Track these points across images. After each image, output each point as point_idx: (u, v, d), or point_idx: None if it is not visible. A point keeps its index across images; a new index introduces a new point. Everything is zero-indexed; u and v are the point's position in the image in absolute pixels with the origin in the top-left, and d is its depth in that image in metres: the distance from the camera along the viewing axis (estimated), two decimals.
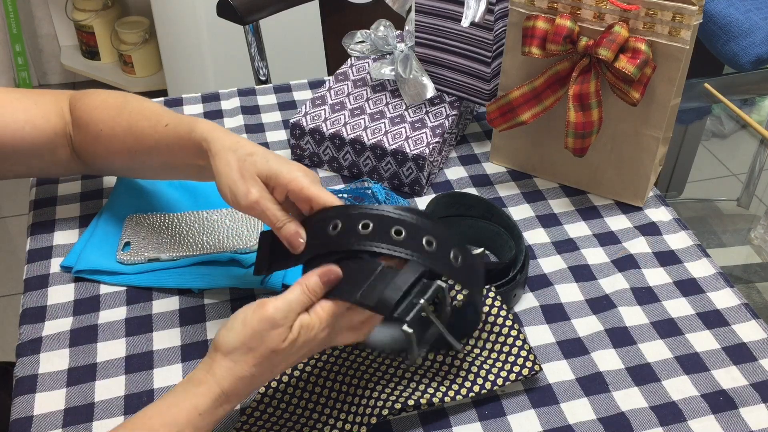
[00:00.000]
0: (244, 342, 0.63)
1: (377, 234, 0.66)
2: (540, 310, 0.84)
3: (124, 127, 0.82)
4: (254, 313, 0.63)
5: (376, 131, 1.00)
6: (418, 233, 0.66)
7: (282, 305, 0.63)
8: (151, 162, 0.83)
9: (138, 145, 0.81)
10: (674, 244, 0.93)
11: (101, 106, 0.84)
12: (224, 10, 1.32)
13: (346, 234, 0.67)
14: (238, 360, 0.63)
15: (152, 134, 0.80)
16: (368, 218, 0.67)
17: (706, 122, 1.46)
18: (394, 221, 0.66)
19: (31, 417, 0.73)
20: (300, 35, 2.01)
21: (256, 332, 0.62)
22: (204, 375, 0.63)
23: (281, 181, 0.71)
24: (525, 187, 1.01)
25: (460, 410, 0.74)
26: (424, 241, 0.66)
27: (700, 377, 0.77)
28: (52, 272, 0.88)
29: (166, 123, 0.79)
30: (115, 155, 0.84)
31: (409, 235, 0.66)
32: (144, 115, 0.81)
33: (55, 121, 0.85)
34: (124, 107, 0.83)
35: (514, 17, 0.93)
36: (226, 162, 0.72)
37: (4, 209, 2.31)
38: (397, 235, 0.66)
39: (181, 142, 0.78)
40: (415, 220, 0.67)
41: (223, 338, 0.64)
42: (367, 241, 0.66)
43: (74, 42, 2.72)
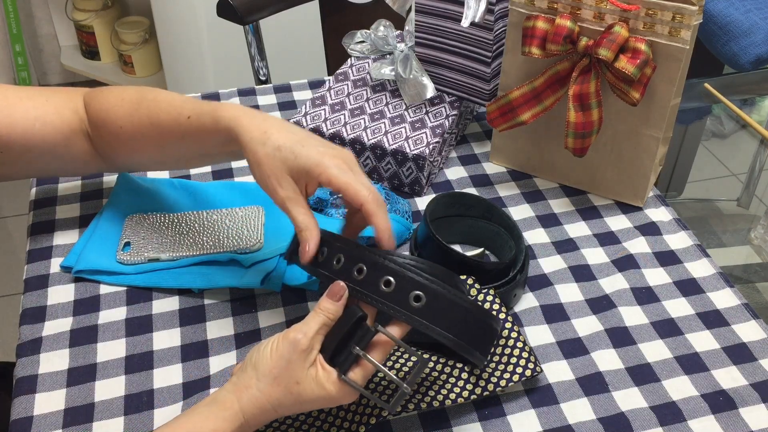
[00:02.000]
0: (270, 369, 0.63)
1: (368, 282, 0.65)
2: (540, 310, 0.84)
3: (145, 123, 0.80)
4: (280, 338, 0.64)
5: (376, 131, 1.00)
6: (379, 274, 0.65)
7: (301, 326, 0.64)
8: (182, 152, 0.82)
9: (163, 140, 0.80)
10: (674, 244, 0.93)
11: (117, 104, 0.82)
12: (224, 10, 1.32)
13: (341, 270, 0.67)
14: (263, 390, 0.63)
15: (176, 127, 0.78)
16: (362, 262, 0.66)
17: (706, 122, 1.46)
18: (386, 271, 0.65)
19: (31, 417, 0.73)
20: (300, 35, 2.01)
21: (283, 356, 0.63)
22: (231, 399, 0.63)
23: (311, 177, 0.70)
24: (525, 187, 1.01)
25: (460, 410, 0.74)
26: (382, 281, 0.64)
27: (700, 377, 0.77)
28: (52, 272, 0.88)
29: (188, 115, 0.77)
30: (142, 150, 0.83)
31: (370, 276, 0.65)
32: (162, 109, 0.79)
33: (69, 117, 0.83)
34: (141, 102, 0.81)
35: (514, 17, 0.93)
36: (255, 157, 0.71)
37: (4, 209, 2.31)
38: (386, 285, 0.65)
39: (208, 132, 0.76)
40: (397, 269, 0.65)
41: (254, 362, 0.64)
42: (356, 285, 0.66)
43: (74, 42, 2.72)
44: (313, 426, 0.72)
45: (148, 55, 2.59)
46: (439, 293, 0.64)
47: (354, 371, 0.64)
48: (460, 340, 0.65)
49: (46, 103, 0.83)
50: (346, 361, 0.64)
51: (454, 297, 0.65)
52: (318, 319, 0.64)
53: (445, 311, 0.64)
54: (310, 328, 0.64)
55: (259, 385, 0.63)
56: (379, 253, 0.66)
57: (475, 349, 0.66)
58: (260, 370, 0.64)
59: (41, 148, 0.83)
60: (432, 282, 0.64)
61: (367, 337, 0.64)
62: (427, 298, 0.64)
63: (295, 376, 0.63)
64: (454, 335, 0.65)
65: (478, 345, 0.67)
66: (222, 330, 0.82)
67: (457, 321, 0.65)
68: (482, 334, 0.67)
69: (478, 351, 0.67)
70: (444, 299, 0.64)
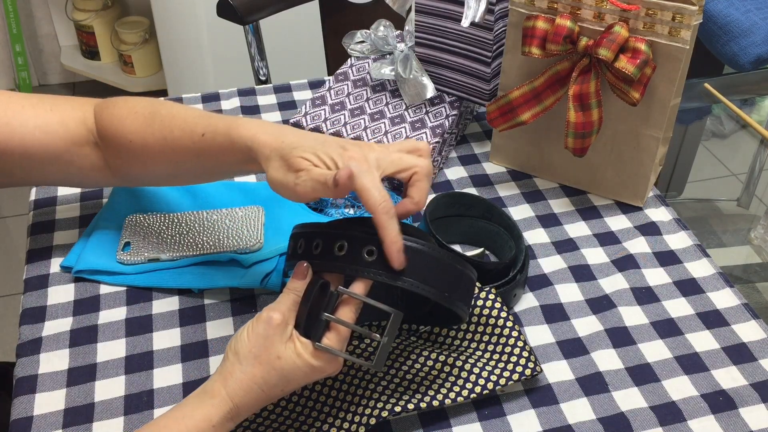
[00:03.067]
0: (250, 349, 0.64)
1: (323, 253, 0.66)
2: (540, 310, 0.84)
3: (158, 138, 0.77)
4: (253, 321, 0.65)
5: (376, 131, 0.99)
6: (332, 242, 0.66)
7: (273, 305, 0.66)
8: (196, 169, 0.79)
9: (177, 156, 0.77)
10: (674, 244, 0.93)
11: (129, 117, 0.79)
12: (224, 10, 1.32)
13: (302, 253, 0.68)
14: (247, 371, 0.64)
15: (190, 145, 0.76)
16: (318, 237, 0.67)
17: (706, 122, 1.46)
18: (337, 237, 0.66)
19: (31, 417, 0.73)
20: (300, 35, 2.01)
21: (260, 334, 0.64)
22: (218, 386, 0.64)
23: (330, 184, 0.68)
24: (525, 187, 1.01)
25: (460, 410, 0.74)
26: (336, 247, 0.65)
27: (700, 377, 0.77)
28: (52, 272, 0.88)
29: (203, 132, 0.74)
30: (153, 165, 0.80)
31: (324, 247, 0.66)
32: (176, 125, 0.77)
33: (74, 128, 0.81)
34: (154, 116, 0.78)
35: (514, 17, 0.93)
36: (277, 166, 0.69)
37: (4, 209, 2.31)
38: (339, 250, 0.65)
39: (225, 151, 0.74)
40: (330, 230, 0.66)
41: (234, 348, 0.66)
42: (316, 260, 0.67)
43: (74, 42, 2.72)
44: (313, 426, 0.72)
45: (148, 55, 2.59)
46: None
47: (328, 337, 0.65)
48: (427, 285, 0.64)
49: (49, 111, 0.81)
50: (319, 329, 0.65)
51: (412, 243, 0.64)
52: (288, 297, 0.66)
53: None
54: (282, 305, 0.65)
55: (242, 367, 0.64)
56: (339, 225, 0.67)
57: (447, 293, 0.65)
58: (240, 353, 0.65)
59: (42, 156, 0.80)
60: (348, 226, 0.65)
61: (332, 301, 0.65)
62: (378, 250, 0.64)
63: (275, 351, 0.64)
64: (418, 280, 0.64)
65: (450, 290, 0.65)
66: (222, 330, 0.82)
67: (419, 267, 0.64)
68: (453, 280, 0.65)
69: (450, 295, 0.65)
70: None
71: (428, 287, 0.64)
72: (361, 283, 0.65)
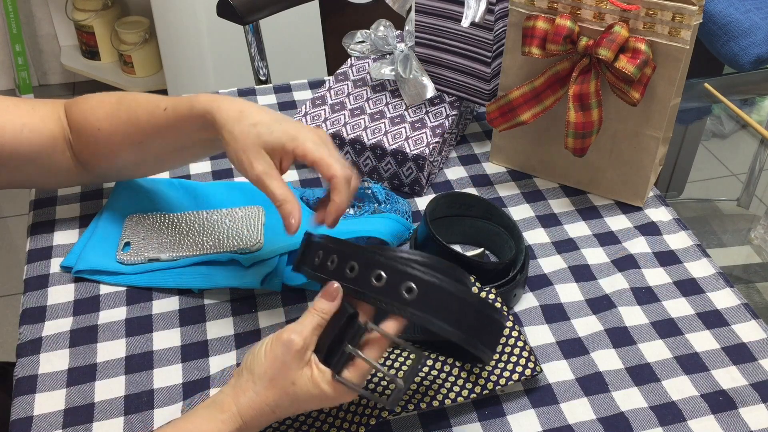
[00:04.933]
0: (266, 370, 0.63)
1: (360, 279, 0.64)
2: (540, 310, 0.84)
3: (123, 120, 0.81)
4: (273, 340, 0.64)
5: (376, 131, 1.00)
6: (371, 268, 0.63)
7: (295, 326, 0.64)
8: (158, 148, 0.82)
9: (140, 135, 0.81)
10: (674, 244, 0.93)
11: (97, 106, 0.83)
12: (224, 10, 1.32)
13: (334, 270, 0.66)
14: (260, 392, 0.63)
15: (152, 120, 0.79)
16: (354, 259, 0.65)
17: (706, 122, 1.46)
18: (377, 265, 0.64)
19: (31, 417, 0.73)
20: (300, 35, 2.01)
21: (277, 357, 0.63)
22: (230, 402, 0.63)
23: (287, 151, 0.71)
24: (525, 187, 1.01)
25: (460, 410, 0.74)
26: (373, 276, 0.63)
27: (700, 377, 0.77)
28: (52, 272, 0.88)
29: (164, 107, 0.78)
30: (119, 152, 0.83)
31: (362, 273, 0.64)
32: (140, 105, 0.81)
33: (52, 126, 0.84)
34: (120, 103, 0.82)
35: (514, 17, 0.93)
36: (230, 135, 0.72)
37: (4, 209, 2.31)
38: (377, 280, 0.63)
39: (184, 120, 0.77)
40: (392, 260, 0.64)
41: (249, 364, 0.64)
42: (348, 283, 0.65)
43: (74, 42, 2.72)
44: (313, 427, 0.72)
45: (148, 55, 2.59)
46: (431, 284, 0.62)
47: (349, 370, 0.63)
48: (459, 331, 0.63)
49: (32, 111, 0.83)
50: (340, 361, 0.63)
51: (450, 287, 0.63)
52: (312, 319, 0.64)
53: (441, 302, 0.62)
54: (305, 328, 0.63)
55: (256, 387, 0.63)
56: (373, 250, 0.65)
57: (478, 341, 0.64)
58: (256, 372, 0.63)
59: (27, 155, 0.83)
60: (425, 273, 0.62)
61: (359, 335, 0.63)
62: (419, 289, 0.62)
63: (291, 377, 0.63)
64: (452, 326, 0.63)
65: (480, 337, 0.64)
66: (222, 330, 0.82)
67: (454, 312, 0.63)
68: (485, 326, 0.65)
69: (481, 343, 0.64)
70: (438, 289, 0.62)
71: (460, 333, 0.63)
72: (396, 322, 0.64)
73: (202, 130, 0.77)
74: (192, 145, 0.81)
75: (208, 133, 0.76)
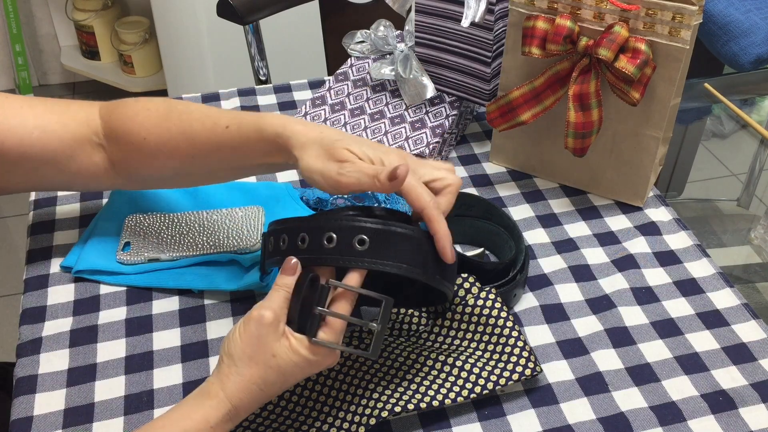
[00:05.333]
0: (243, 350, 0.64)
1: (312, 245, 0.66)
2: (540, 310, 0.84)
3: (175, 132, 0.76)
4: (244, 321, 0.65)
5: (376, 131, 1.00)
6: (320, 234, 0.65)
7: (263, 303, 0.65)
8: (213, 165, 0.78)
9: (195, 150, 0.76)
10: (674, 244, 0.93)
11: (142, 114, 0.78)
12: (224, 10, 1.32)
13: (287, 248, 0.67)
14: (243, 373, 0.63)
15: (211, 137, 0.75)
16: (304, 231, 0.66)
17: (706, 122, 1.46)
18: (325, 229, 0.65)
19: (31, 417, 0.73)
20: (300, 35, 2.01)
21: (252, 334, 0.64)
22: (216, 388, 0.64)
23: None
24: (525, 187, 1.01)
25: (459, 410, 0.74)
26: (324, 239, 0.65)
27: (700, 377, 0.77)
28: (52, 272, 0.88)
29: (226, 124, 0.74)
30: (167, 163, 0.79)
31: (312, 239, 0.65)
32: (196, 118, 0.76)
33: (75, 128, 0.79)
34: (171, 112, 0.77)
35: (514, 17, 0.93)
36: (315, 155, 0.68)
37: (4, 209, 2.31)
38: (328, 242, 0.65)
39: (250, 142, 0.73)
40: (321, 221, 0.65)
41: (227, 350, 0.65)
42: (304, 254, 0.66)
43: (74, 42, 2.72)
44: (313, 427, 0.72)
45: (148, 55, 2.59)
46: (379, 230, 0.63)
47: (323, 331, 0.64)
48: (418, 268, 0.64)
49: (48, 113, 0.79)
50: (313, 324, 0.64)
51: (397, 228, 0.64)
52: (278, 293, 0.65)
53: (392, 245, 0.64)
54: (273, 302, 0.64)
55: (238, 369, 0.64)
56: (317, 217, 0.66)
57: (436, 274, 0.65)
58: (235, 355, 0.64)
59: (41, 158, 0.79)
60: (374, 223, 0.64)
61: (324, 295, 0.65)
62: (370, 239, 0.63)
63: (270, 350, 0.63)
64: (410, 264, 0.64)
65: (438, 270, 0.66)
66: (222, 330, 0.82)
67: (408, 251, 0.64)
68: (438, 258, 0.66)
69: (440, 276, 0.65)
70: (387, 234, 0.64)
71: (420, 270, 0.65)
72: (356, 274, 0.65)
73: (268, 155, 0.73)
74: (253, 168, 0.78)
75: (277, 158, 0.73)
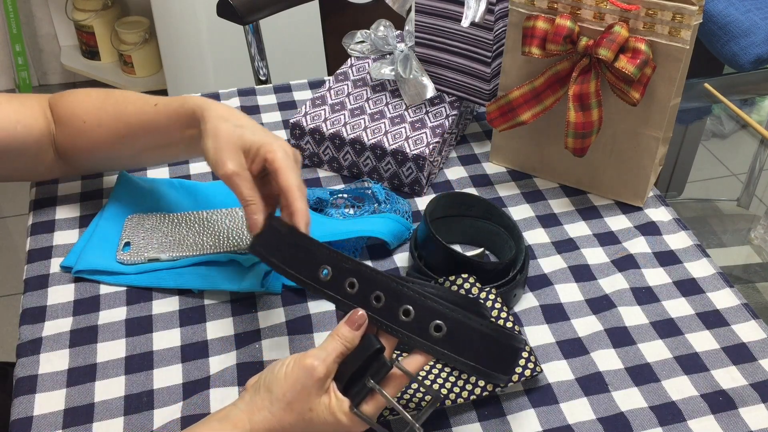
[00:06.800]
0: (285, 393, 0.63)
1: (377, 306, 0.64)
2: (540, 310, 0.84)
3: (111, 114, 0.84)
4: (295, 363, 0.63)
5: (376, 131, 1.00)
6: (398, 302, 0.63)
7: (319, 352, 0.63)
8: (141, 144, 0.85)
9: (126, 129, 0.83)
10: (674, 244, 0.93)
11: (85, 100, 0.86)
12: (224, 10, 1.32)
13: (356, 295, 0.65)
14: (276, 413, 0.63)
15: (140, 115, 0.82)
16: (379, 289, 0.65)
17: (706, 122, 1.46)
18: (405, 299, 0.63)
19: (31, 417, 0.73)
20: (300, 35, 2.01)
21: (298, 381, 0.62)
22: (243, 418, 0.63)
23: (260, 153, 0.74)
24: (525, 187, 1.01)
25: (459, 410, 0.74)
26: (401, 310, 0.63)
27: (700, 377, 0.77)
28: (52, 272, 0.88)
29: (155, 103, 0.82)
30: (101, 145, 0.86)
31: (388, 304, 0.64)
32: (130, 101, 0.84)
33: (41, 122, 0.87)
34: (108, 97, 0.85)
35: (514, 17, 0.93)
36: (215, 129, 0.75)
37: (4, 209, 2.31)
38: (405, 315, 0.63)
39: (172, 116, 0.80)
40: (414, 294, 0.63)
41: (268, 383, 0.64)
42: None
43: (74, 42, 2.72)
44: None
45: (148, 55, 2.59)
46: (460, 322, 0.62)
47: (367, 404, 0.63)
48: (484, 368, 0.63)
49: (22, 107, 0.86)
50: (360, 393, 0.63)
51: (475, 324, 0.63)
52: (335, 346, 0.63)
53: (468, 340, 0.63)
54: (328, 355, 0.63)
55: (272, 408, 0.63)
56: (396, 280, 0.64)
57: (499, 372, 0.64)
58: (274, 393, 0.63)
59: (18, 150, 0.86)
60: (453, 311, 0.62)
61: (383, 371, 0.63)
62: (447, 328, 0.62)
63: (309, 404, 0.62)
64: (478, 364, 0.63)
65: (502, 368, 0.65)
66: (222, 330, 0.82)
67: (481, 349, 0.63)
68: (507, 356, 0.65)
69: (502, 372, 0.65)
70: (464, 327, 0.62)
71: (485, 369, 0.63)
72: (421, 358, 0.64)
73: (186, 127, 0.80)
74: (176, 143, 0.84)
75: (192, 129, 0.79)
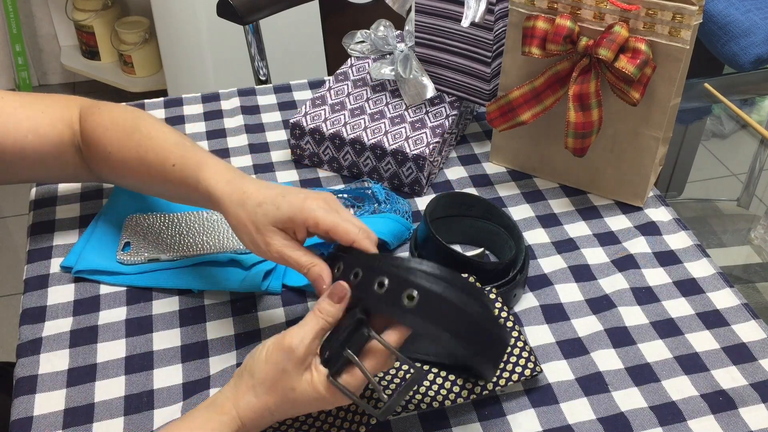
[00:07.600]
0: (266, 376, 0.63)
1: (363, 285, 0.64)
2: (540, 310, 0.84)
3: (134, 156, 0.80)
4: (275, 345, 0.64)
5: (376, 131, 1.00)
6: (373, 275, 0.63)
7: (298, 331, 0.64)
8: (166, 194, 0.83)
9: (149, 177, 0.80)
10: (674, 244, 0.93)
11: (111, 128, 0.82)
12: (224, 10, 1.32)
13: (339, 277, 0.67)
14: (260, 396, 0.64)
15: (160, 171, 0.78)
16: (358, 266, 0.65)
17: (706, 122, 1.46)
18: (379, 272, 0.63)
19: (31, 418, 0.73)
20: (300, 35, 2.01)
21: (278, 364, 0.63)
22: (229, 404, 0.64)
23: (297, 223, 0.69)
24: (525, 187, 1.01)
25: (459, 410, 0.74)
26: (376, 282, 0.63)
27: (700, 377, 0.77)
28: (52, 272, 0.88)
29: (173, 163, 0.77)
30: (127, 177, 0.83)
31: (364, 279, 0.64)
32: (152, 148, 0.79)
33: (61, 129, 0.84)
34: (134, 133, 0.81)
35: (514, 17, 0.93)
36: (237, 220, 0.71)
37: (4, 209, 2.31)
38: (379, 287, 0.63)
39: (190, 188, 0.76)
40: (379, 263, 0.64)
41: (250, 368, 0.64)
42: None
43: (74, 42, 2.72)
44: (313, 426, 0.72)
45: (148, 55, 2.59)
46: (433, 292, 0.61)
47: (346, 375, 0.63)
48: (459, 342, 0.62)
49: (41, 114, 0.83)
50: (338, 364, 0.63)
51: (452, 297, 0.62)
52: (316, 323, 0.64)
53: (441, 311, 0.62)
54: (307, 333, 0.63)
55: (256, 391, 0.64)
56: (380, 257, 0.65)
57: (480, 354, 0.64)
58: (256, 376, 0.64)
59: (33, 158, 0.84)
60: (428, 281, 0.62)
61: (360, 341, 0.63)
62: (420, 297, 0.61)
63: (291, 384, 0.63)
64: (452, 336, 0.62)
65: (482, 351, 0.64)
66: (222, 330, 0.82)
67: (455, 322, 0.62)
68: (486, 340, 0.64)
69: (482, 356, 0.64)
70: (439, 298, 0.61)
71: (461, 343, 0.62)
72: (398, 332, 0.63)
73: (206, 203, 0.76)
74: (200, 206, 0.80)
75: (213, 207, 0.75)
